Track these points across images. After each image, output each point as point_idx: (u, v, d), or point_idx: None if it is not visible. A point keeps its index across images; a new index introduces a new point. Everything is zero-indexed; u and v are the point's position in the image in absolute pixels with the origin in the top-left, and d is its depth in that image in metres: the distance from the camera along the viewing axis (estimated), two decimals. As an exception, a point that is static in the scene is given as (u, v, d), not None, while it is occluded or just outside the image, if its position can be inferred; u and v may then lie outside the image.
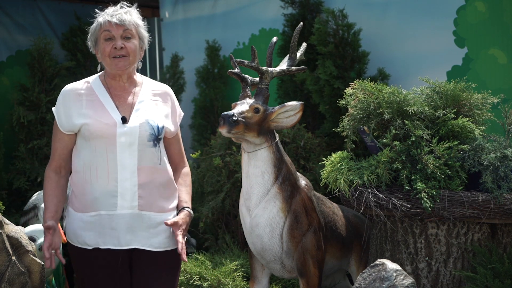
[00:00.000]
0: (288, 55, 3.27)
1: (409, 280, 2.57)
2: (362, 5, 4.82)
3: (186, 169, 3.03)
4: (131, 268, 2.86)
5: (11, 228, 2.85)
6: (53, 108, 2.85)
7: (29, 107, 5.51)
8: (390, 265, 2.60)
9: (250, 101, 3.08)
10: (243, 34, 5.81)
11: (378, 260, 2.65)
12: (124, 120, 2.76)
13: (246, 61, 3.13)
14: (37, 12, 6.09)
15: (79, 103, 2.79)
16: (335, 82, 4.59)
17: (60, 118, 2.81)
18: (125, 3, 2.87)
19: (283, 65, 3.24)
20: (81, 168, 2.79)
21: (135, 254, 2.84)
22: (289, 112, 3.09)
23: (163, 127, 2.82)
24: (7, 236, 2.80)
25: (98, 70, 2.91)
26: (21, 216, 4.76)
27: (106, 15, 2.79)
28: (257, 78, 3.18)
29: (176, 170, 2.98)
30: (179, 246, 2.75)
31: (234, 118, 2.95)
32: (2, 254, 2.75)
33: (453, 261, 3.12)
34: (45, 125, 5.53)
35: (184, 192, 2.96)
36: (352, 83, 3.46)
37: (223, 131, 2.97)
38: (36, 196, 4.62)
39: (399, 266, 2.61)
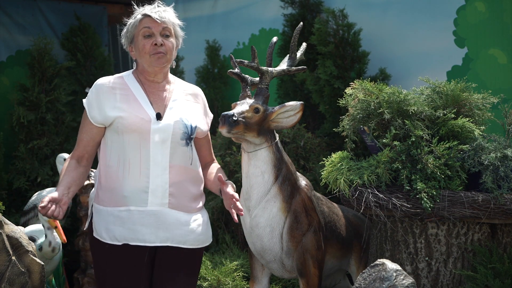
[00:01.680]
0: (288, 55, 3.27)
1: (409, 280, 2.57)
2: (362, 5, 4.83)
3: (216, 164, 3.01)
4: (152, 265, 2.85)
5: (11, 228, 2.85)
6: (84, 100, 2.81)
7: (29, 107, 5.51)
8: (390, 265, 2.60)
9: (250, 101, 3.08)
10: (243, 34, 5.81)
11: (378, 260, 2.65)
12: (159, 117, 2.75)
13: (246, 61, 3.13)
14: (37, 12, 6.09)
15: (112, 96, 2.75)
16: (335, 82, 4.59)
17: (92, 110, 2.76)
18: (161, 2, 2.85)
19: (283, 65, 3.24)
20: (114, 163, 2.75)
21: (158, 253, 2.83)
22: (289, 112, 3.09)
23: (196, 126, 2.81)
24: (7, 236, 2.80)
25: (134, 67, 2.89)
26: (21, 216, 4.77)
27: (146, 11, 2.77)
28: (257, 78, 3.18)
29: (206, 167, 2.97)
30: (235, 201, 2.67)
31: (234, 118, 2.95)
32: (2, 254, 2.75)
33: (453, 261, 3.12)
34: (45, 125, 5.53)
35: (220, 171, 2.93)
36: (352, 83, 3.46)
37: (223, 131, 2.97)
38: (36, 196, 4.62)
39: (399, 266, 2.61)
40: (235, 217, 2.68)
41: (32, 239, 3.96)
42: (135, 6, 2.85)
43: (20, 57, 5.84)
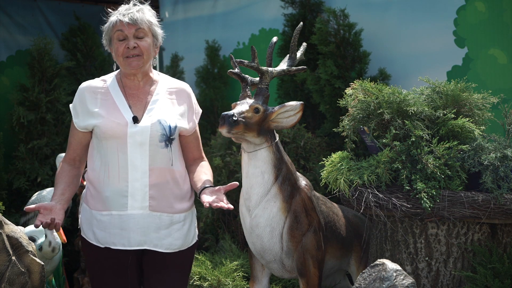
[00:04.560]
0: (288, 55, 3.27)
1: (409, 280, 2.57)
2: (363, 5, 4.83)
3: (205, 162, 3.00)
4: (141, 268, 2.86)
5: (11, 228, 2.85)
6: (70, 105, 2.86)
7: (29, 107, 5.51)
8: (390, 265, 2.60)
9: (250, 101, 3.08)
10: (243, 34, 5.81)
11: (378, 260, 2.65)
12: (136, 120, 2.76)
13: (246, 61, 3.13)
14: (37, 12, 6.09)
15: (94, 102, 2.79)
16: (336, 82, 4.59)
17: (76, 116, 2.82)
18: (136, 0, 2.86)
19: (283, 65, 3.24)
20: (97, 167, 2.80)
21: (145, 254, 2.84)
22: (289, 112, 3.09)
23: (175, 127, 2.81)
24: (7, 236, 2.79)
25: (114, 69, 2.90)
26: (21, 216, 4.77)
27: (119, 14, 2.77)
28: (257, 78, 3.17)
29: (195, 163, 2.96)
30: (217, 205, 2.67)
31: (234, 118, 2.95)
32: (2, 254, 2.75)
33: (453, 261, 3.12)
34: (45, 125, 5.53)
35: (207, 175, 2.91)
36: (352, 83, 3.46)
37: (223, 131, 2.97)
38: (36, 196, 4.62)
39: (399, 266, 2.61)
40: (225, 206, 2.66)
41: (32, 239, 3.96)
42: (110, 10, 2.86)
43: (20, 57, 5.84)
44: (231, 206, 2.65)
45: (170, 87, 2.89)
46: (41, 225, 2.60)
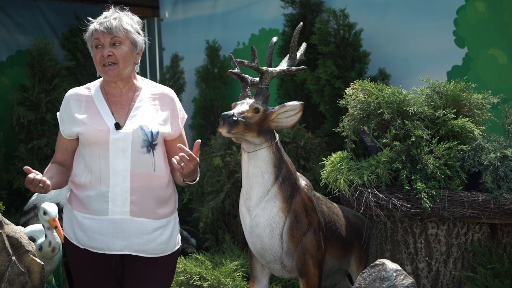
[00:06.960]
0: (288, 55, 3.27)
1: (409, 280, 2.57)
2: (363, 5, 4.83)
3: None
4: (123, 271, 2.88)
5: (11, 228, 2.85)
6: (57, 113, 2.92)
7: (29, 107, 5.51)
8: (390, 265, 2.60)
9: (250, 101, 3.08)
10: (243, 34, 5.81)
11: (378, 260, 2.65)
12: (118, 126, 2.78)
13: (246, 61, 3.13)
14: (37, 12, 6.09)
15: (78, 109, 2.84)
16: (336, 82, 4.59)
17: (62, 123, 2.87)
18: (118, 7, 2.87)
19: (283, 65, 3.24)
20: (79, 172, 2.84)
21: (127, 258, 2.85)
22: (289, 112, 3.09)
23: (157, 132, 2.82)
24: (7, 236, 2.79)
25: (98, 75, 2.92)
26: (21, 216, 4.77)
27: (96, 23, 2.82)
28: (257, 78, 3.17)
29: None
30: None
31: (234, 118, 2.95)
32: (2, 254, 2.74)
33: (453, 261, 3.12)
34: (45, 125, 5.53)
35: None
36: (352, 83, 3.46)
37: (223, 131, 2.97)
38: (36, 196, 4.62)
39: (399, 266, 2.61)
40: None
41: (32, 239, 3.96)
42: (90, 18, 2.88)
43: (20, 57, 5.84)
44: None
45: (153, 92, 2.92)
46: (33, 181, 2.60)
